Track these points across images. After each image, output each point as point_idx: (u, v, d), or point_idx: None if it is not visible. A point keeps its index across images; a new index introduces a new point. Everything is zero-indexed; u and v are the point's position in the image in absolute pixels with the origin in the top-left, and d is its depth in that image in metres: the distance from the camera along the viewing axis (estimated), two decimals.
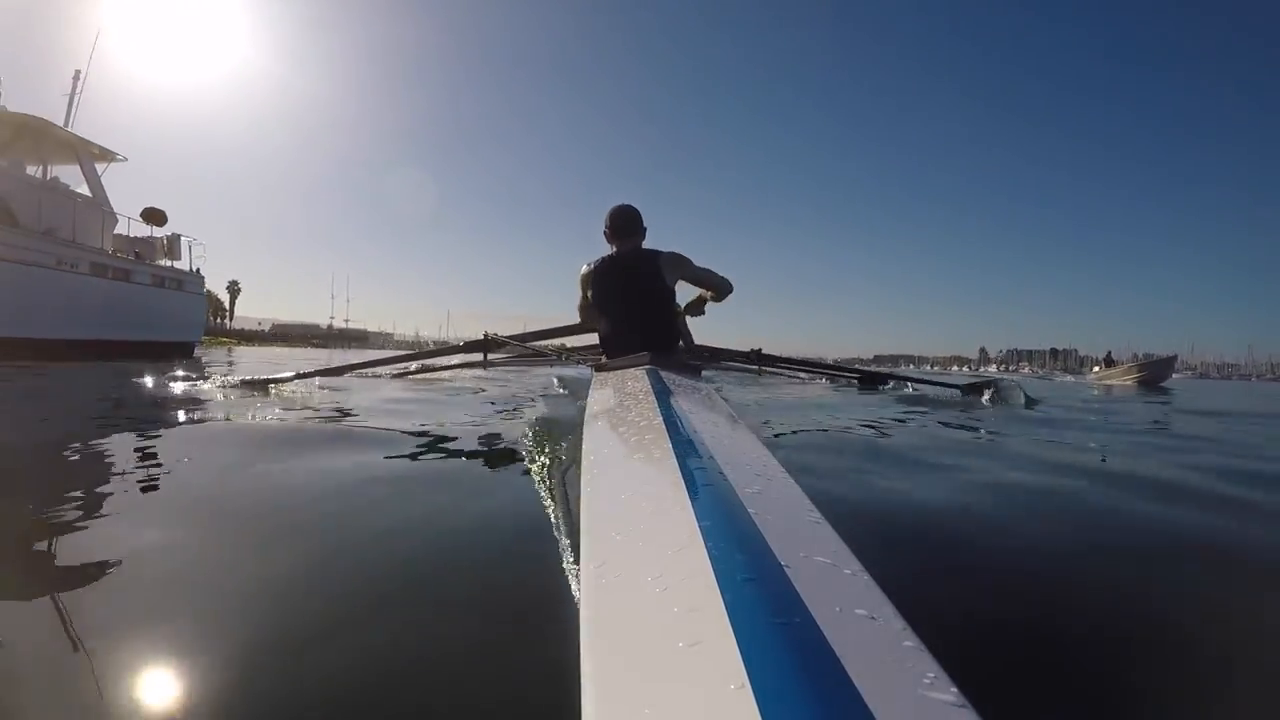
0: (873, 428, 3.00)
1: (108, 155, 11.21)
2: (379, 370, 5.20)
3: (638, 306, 2.78)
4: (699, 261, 2.97)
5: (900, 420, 3.41)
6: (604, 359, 2.75)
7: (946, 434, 3.00)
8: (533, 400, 3.87)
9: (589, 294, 2.93)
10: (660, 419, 1.09)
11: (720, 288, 3.12)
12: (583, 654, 0.47)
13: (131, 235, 11.70)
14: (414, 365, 5.55)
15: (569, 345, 3.65)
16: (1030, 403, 4.69)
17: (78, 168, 10.74)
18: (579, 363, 3.42)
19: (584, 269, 2.94)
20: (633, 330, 2.73)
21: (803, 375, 5.29)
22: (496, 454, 2.27)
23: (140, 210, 11.62)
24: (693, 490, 0.70)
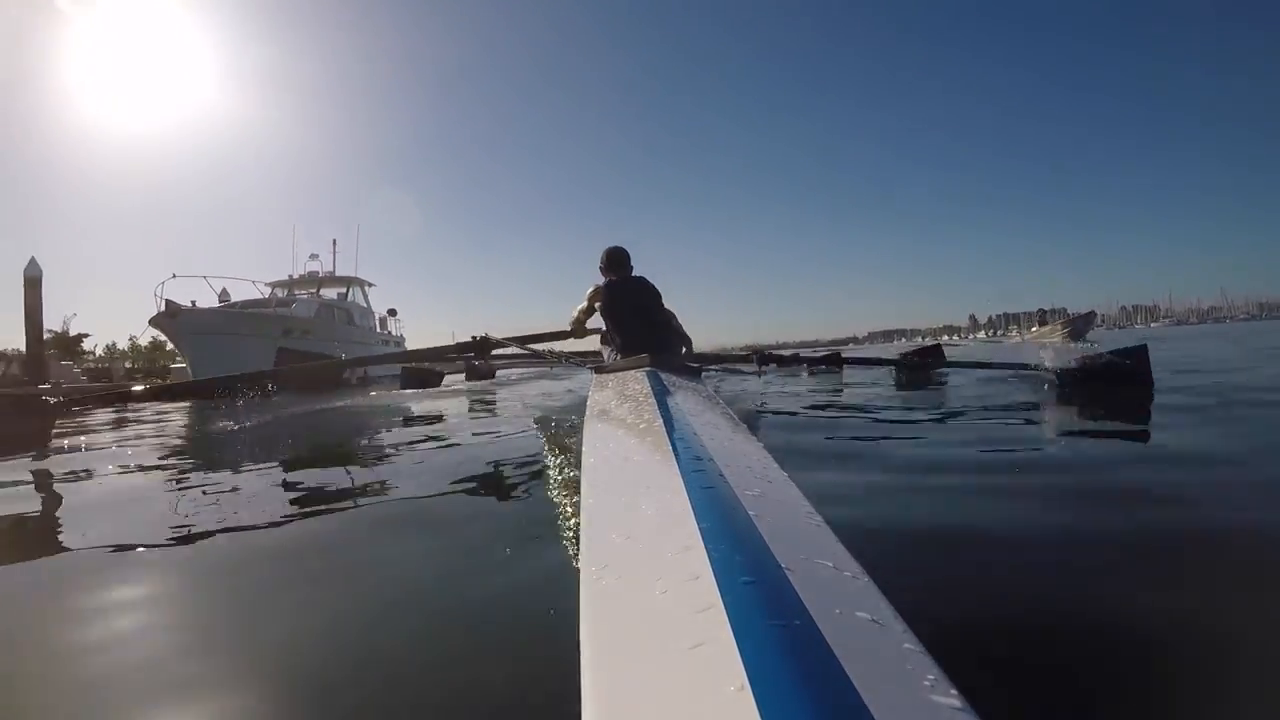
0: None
1: (370, 284, 20.58)
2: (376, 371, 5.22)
3: (647, 319, 3.24)
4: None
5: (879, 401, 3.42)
6: (608, 359, 2.79)
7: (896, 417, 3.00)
8: (532, 401, 3.87)
9: (597, 305, 3.30)
10: (660, 421, 1.09)
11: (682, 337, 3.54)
12: (583, 655, 0.47)
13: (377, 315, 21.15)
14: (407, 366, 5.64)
15: (567, 350, 3.66)
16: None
17: (361, 293, 20.25)
18: (578, 365, 3.42)
19: (594, 287, 3.36)
20: (643, 337, 3.04)
21: (802, 369, 5.37)
22: (495, 455, 2.27)
23: (386, 309, 21.42)
24: (693, 492, 0.70)
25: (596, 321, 3.43)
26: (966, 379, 4.80)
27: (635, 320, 3.22)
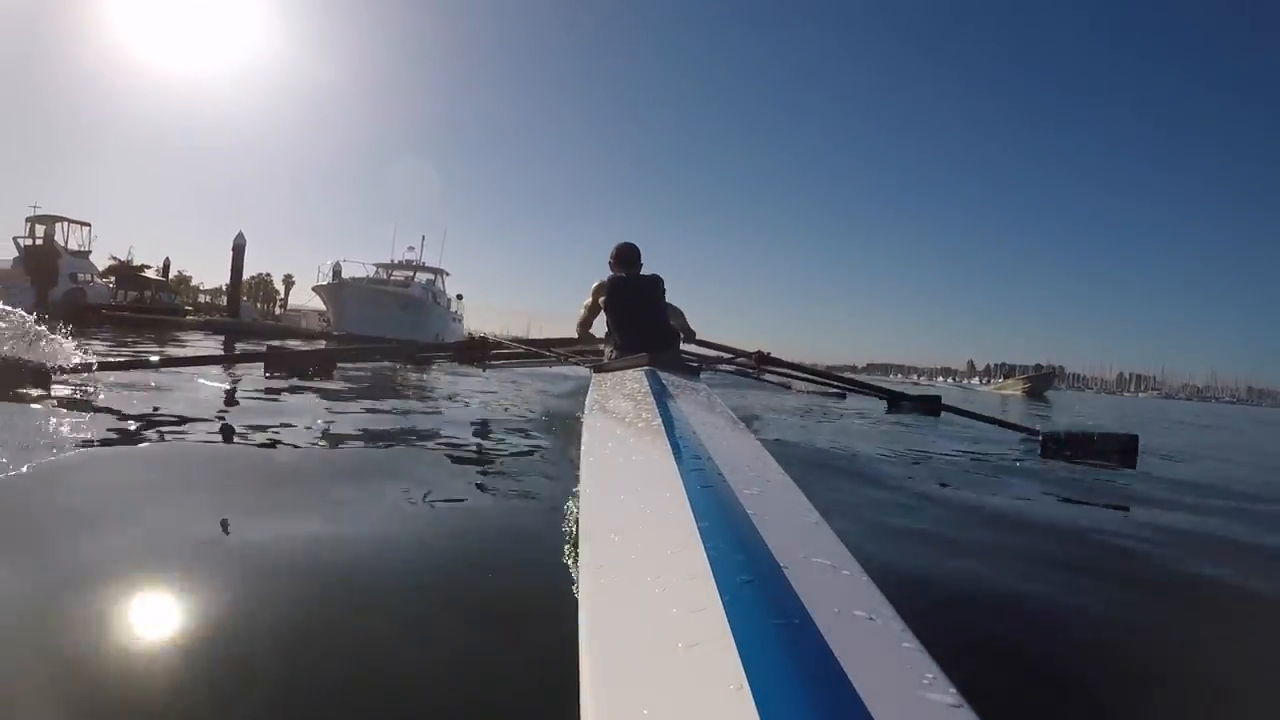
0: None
1: (448, 274, 26.12)
2: (373, 356, 5.27)
3: (650, 315, 3.26)
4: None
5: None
6: (608, 358, 2.77)
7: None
8: (531, 400, 3.87)
9: (600, 300, 3.27)
10: (659, 420, 1.09)
11: (686, 331, 3.64)
12: (582, 655, 0.47)
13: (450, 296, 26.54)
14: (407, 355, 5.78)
15: (567, 348, 3.64)
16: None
17: (442, 280, 25.80)
18: (578, 363, 3.42)
19: (598, 282, 3.35)
20: (644, 333, 3.04)
21: (803, 383, 5.12)
22: (494, 455, 2.27)
23: (455, 293, 27.10)
24: (692, 491, 0.70)
25: (601, 328, 3.42)
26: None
27: (638, 318, 3.22)
